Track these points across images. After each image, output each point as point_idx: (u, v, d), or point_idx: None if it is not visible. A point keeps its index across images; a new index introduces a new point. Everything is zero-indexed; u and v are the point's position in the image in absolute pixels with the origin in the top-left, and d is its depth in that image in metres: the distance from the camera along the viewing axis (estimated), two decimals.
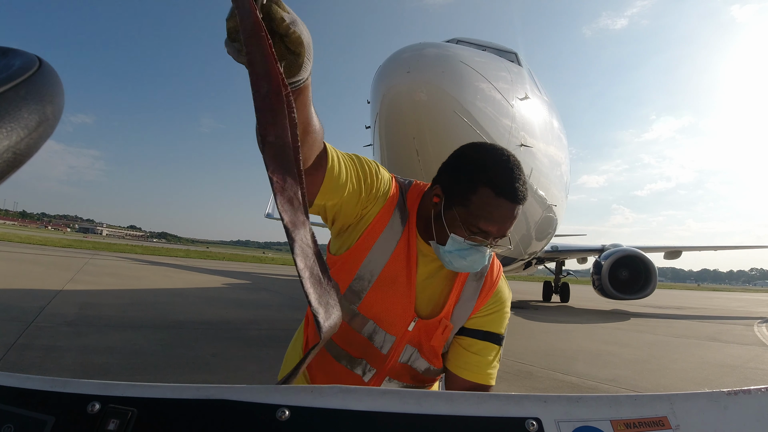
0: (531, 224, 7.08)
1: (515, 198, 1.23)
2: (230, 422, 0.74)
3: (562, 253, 19.81)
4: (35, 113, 0.37)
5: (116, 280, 13.17)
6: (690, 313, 18.59)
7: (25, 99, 0.37)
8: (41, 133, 0.38)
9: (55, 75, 0.43)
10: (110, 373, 4.25)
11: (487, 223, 1.25)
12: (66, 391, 0.79)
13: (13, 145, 0.34)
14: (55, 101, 0.41)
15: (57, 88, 0.42)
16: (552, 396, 0.77)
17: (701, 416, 0.76)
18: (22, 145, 0.35)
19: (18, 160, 0.35)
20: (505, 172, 1.24)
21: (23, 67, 0.40)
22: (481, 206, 1.24)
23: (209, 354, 5.39)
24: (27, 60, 0.42)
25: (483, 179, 1.23)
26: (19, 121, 0.35)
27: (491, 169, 1.24)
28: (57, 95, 0.41)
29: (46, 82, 0.41)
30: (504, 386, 4.82)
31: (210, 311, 9.01)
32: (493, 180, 1.22)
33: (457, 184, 1.27)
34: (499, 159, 1.26)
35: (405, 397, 0.77)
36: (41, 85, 0.40)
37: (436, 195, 1.33)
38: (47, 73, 0.42)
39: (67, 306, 7.65)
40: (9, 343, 4.80)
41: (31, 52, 0.44)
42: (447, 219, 1.29)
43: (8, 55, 0.44)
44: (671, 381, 5.72)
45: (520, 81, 5.64)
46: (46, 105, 0.39)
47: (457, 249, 1.30)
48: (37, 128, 0.37)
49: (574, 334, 9.85)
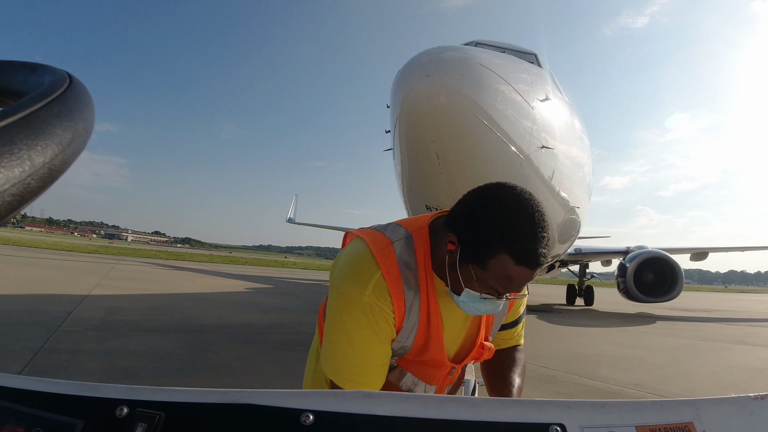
0: (554, 227, 6.99)
1: (537, 265, 1.16)
2: (255, 426, 0.75)
3: (586, 255, 19.55)
4: (68, 130, 0.38)
5: (141, 285, 13.37)
6: (717, 315, 18.19)
7: (58, 116, 0.38)
8: (75, 148, 0.39)
9: (86, 91, 0.44)
10: (135, 376, 4.32)
11: (505, 287, 1.22)
12: (94, 396, 0.80)
13: (49, 161, 0.35)
14: (87, 117, 0.42)
15: (88, 103, 0.43)
16: (576, 402, 0.77)
17: (727, 421, 0.75)
18: (57, 161, 0.36)
19: (53, 176, 0.36)
20: (528, 236, 1.14)
21: (54, 84, 0.41)
22: (498, 272, 1.17)
23: (232, 358, 5.44)
24: (58, 77, 0.43)
25: (504, 245, 1.14)
26: (53, 138, 0.36)
27: (514, 232, 1.14)
28: (88, 111, 0.42)
29: (77, 98, 0.42)
30: (527, 391, 4.75)
31: (233, 315, 9.10)
32: (515, 248, 1.14)
33: (476, 243, 1.19)
34: (524, 217, 1.16)
35: (427, 402, 0.77)
36: (73, 102, 0.41)
37: (450, 242, 1.26)
38: (78, 89, 0.43)
39: (93, 310, 7.79)
40: (36, 347, 4.89)
41: (60, 68, 0.46)
42: (462, 273, 1.23)
43: (38, 71, 0.45)
44: (697, 386, 5.60)
45: (541, 82, 5.60)
46: (78, 121, 0.40)
47: (471, 300, 1.27)
48: (71, 144, 0.38)
49: (599, 338, 9.72)
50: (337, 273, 1.32)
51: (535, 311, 15.19)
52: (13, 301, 7.84)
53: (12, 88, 0.44)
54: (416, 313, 1.32)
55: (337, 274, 1.33)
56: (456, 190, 4.88)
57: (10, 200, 0.32)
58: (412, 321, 1.32)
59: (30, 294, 9.00)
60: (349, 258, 1.33)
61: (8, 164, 0.32)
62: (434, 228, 1.39)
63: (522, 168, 4.95)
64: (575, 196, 7.04)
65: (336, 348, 1.31)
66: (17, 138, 0.33)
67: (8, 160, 0.32)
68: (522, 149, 4.82)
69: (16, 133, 0.33)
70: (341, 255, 1.39)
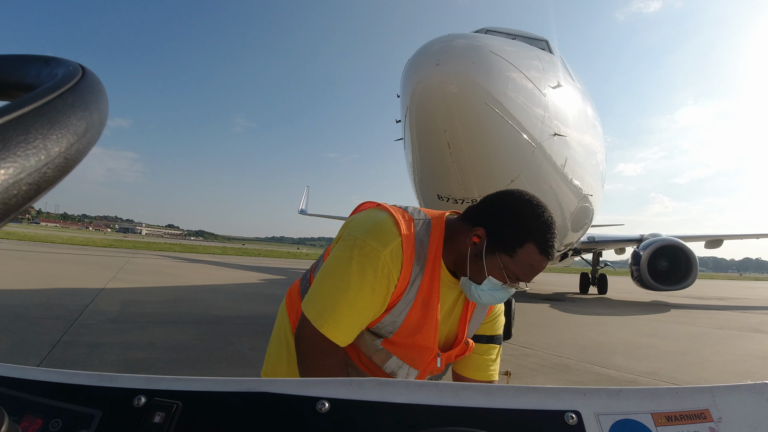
0: (566, 215, 6.95)
1: (551, 256, 1.38)
2: (272, 414, 0.76)
3: (599, 243, 19.41)
4: (83, 120, 0.38)
5: (156, 278, 13.50)
6: (732, 303, 18.04)
7: (72, 106, 0.38)
8: (90, 138, 0.39)
9: (99, 82, 0.45)
10: (153, 367, 4.37)
11: (525, 274, 1.39)
12: (113, 386, 0.82)
13: (64, 150, 0.35)
14: (101, 107, 0.42)
15: (101, 94, 0.43)
16: (592, 389, 0.77)
17: (743, 408, 0.74)
18: (72, 151, 0.36)
19: (69, 165, 0.36)
20: (549, 232, 1.36)
21: (68, 75, 0.41)
22: (524, 259, 1.36)
23: (247, 348, 5.49)
24: (71, 68, 0.43)
25: (532, 237, 1.35)
26: (68, 128, 0.36)
27: (540, 228, 1.35)
28: (102, 101, 0.43)
29: (91, 89, 0.42)
30: (541, 379, 4.77)
31: (247, 306, 9.17)
32: (540, 240, 1.35)
33: (506, 234, 1.37)
34: (544, 218, 1.36)
35: (443, 389, 0.77)
36: (87, 93, 0.41)
37: (476, 235, 1.41)
38: (91, 80, 0.43)
39: (110, 303, 7.88)
40: (54, 340, 4.96)
41: (72, 60, 0.46)
42: (488, 262, 1.39)
43: (51, 64, 0.45)
44: (712, 373, 5.57)
45: (552, 69, 5.54)
46: (92, 111, 0.40)
47: (490, 288, 1.40)
48: (86, 134, 0.38)
49: (612, 326, 9.66)
50: (357, 228, 1.40)
51: (548, 300, 15.15)
52: (30, 296, 7.94)
53: (26, 82, 0.45)
54: (415, 289, 1.41)
55: (356, 229, 1.40)
56: (468, 179, 4.86)
57: (27, 189, 0.32)
58: (410, 296, 1.41)
59: (47, 288, 9.12)
60: (372, 220, 1.41)
61: (24, 154, 0.32)
62: (449, 223, 1.50)
63: (534, 156, 4.91)
64: (588, 184, 6.98)
65: (330, 291, 1.36)
66: (32, 128, 0.33)
67: (24, 150, 0.32)
68: (534, 137, 4.78)
69: (31, 123, 0.34)
70: (360, 216, 1.47)
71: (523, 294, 16.52)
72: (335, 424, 0.74)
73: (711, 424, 0.72)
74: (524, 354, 5.99)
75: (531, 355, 5.94)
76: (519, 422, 0.73)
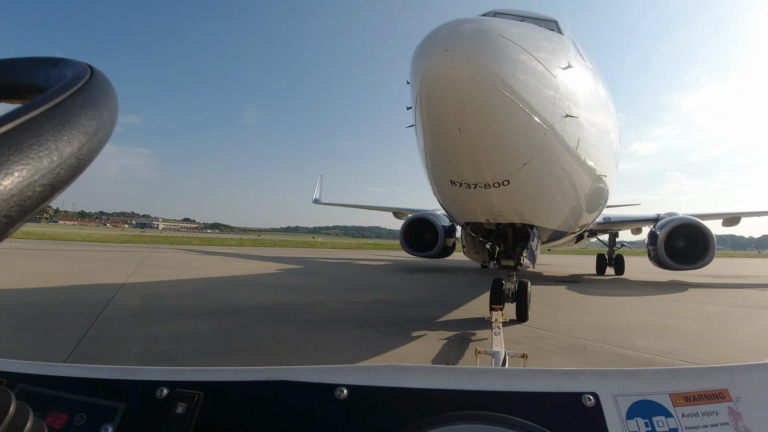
0: (581, 196, 6.89)
1: None
2: (291, 401, 0.77)
3: (615, 224, 19.23)
4: (93, 119, 0.39)
5: (175, 272, 13.66)
6: (750, 281, 17.83)
7: (82, 106, 0.39)
8: (101, 137, 0.40)
9: (108, 81, 0.45)
10: (176, 358, 4.45)
11: None
12: (135, 379, 0.84)
13: (76, 150, 0.36)
14: (110, 106, 0.43)
15: (110, 93, 0.44)
16: (609, 370, 0.77)
17: (762, 387, 0.74)
18: (84, 150, 0.37)
19: (81, 165, 0.37)
20: None
21: (77, 76, 0.42)
22: None
23: (267, 337, 5.55)
24: (79, 69, 0.44)
25: None
26: (79, 128, 0.37)
27: None
28: (111, 100, 0.43)
29: (100, 88, 0.43)
30: (558, 361, 4.77)
31: (266, 296, 9.25)
32: None
33: None
34: None
35: (459, 373, 0.78)
36: (96, 92, 0.42)
37: None
38: (100, 79, 0.44)
39: (131, 298, 8.01)
40: (79, 336, 5.06)
41: (80, 61, 0.47)
42: None
43: (59, 65, 0.46)
44: (731, 353, 5.53)
45: (563, 50, 5.47)
46: (102, 110, 0.41)
47: None
48: (97, 133, 0.39)
49: (630, 307, 9.61)
50: None
51: (565, 282, 15.07)
52: (53, 294, 8.11)
53: (36, 84, 0.45)
54: None
55: None
56: (480, 164, 4.83)
57: (41, 190, 0.33)
58: None
59: (69, 285, 9.29)
60: None
61: (36, 156, 0.33)
62: None
63: (546, 138, 4.87)
64: (602, 164, 6.91)
65: None
66: (44, 129, 0.34)
67: (36, 152, 0.33)
68: (545, 119, 4.74)
69: (42, 125, 0.34)
70: None
71: (539, 276, 16.45)
72: (353, 409, 0.75)
73: (730, 403, 0.72)
74: (540, 336, 6.00)
75: (547, 337, 5.94)
76: (536, 405, 0.73)
